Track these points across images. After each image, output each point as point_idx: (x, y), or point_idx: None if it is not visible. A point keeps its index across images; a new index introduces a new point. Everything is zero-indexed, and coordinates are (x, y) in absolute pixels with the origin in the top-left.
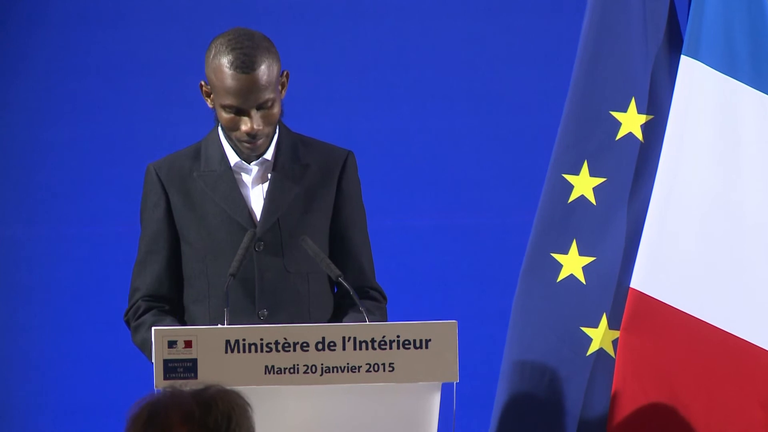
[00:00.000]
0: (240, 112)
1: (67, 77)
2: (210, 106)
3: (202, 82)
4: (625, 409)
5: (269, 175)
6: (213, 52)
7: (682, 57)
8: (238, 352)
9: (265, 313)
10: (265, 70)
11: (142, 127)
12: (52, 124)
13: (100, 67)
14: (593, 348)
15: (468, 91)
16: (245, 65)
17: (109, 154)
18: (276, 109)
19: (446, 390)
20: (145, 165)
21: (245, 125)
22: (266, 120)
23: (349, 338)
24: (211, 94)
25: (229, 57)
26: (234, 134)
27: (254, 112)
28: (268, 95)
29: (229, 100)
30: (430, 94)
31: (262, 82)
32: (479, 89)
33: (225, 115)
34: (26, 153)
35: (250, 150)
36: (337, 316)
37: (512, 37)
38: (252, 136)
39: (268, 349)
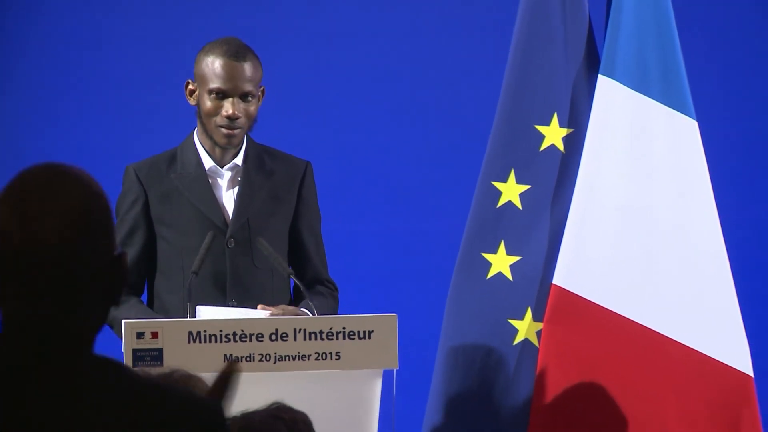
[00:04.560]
0: (224, 97)
1: (47, 86)
2: (192, 103)
3: (189, 81)
4: (548, 393)
5: (239, 179)
6: (207, 48)
7: (600, 76)
8: (200, 342)
9: (234, 303)
10: (251, 66)
11: (120, 135)
12: (35, 130)
13: (81, 76)
14: (519, 338)
15: (409, 108)
16: (237, 54)
17: (89, 160)
18: (254, 108)
19: (387, 376)
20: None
21: (226, 110)
22: (245, 111)
23: (300, 330)
24: (195, 91)
25: (223, 47)
26: (214, 119)
27: (236, 100)
28: (251, 88)
29: (216, 84)
30: (380, 114)
31: (248, 74)
32: (419, 107)
33: (209, 103)
34: (7, 159)
35: (226, 138)
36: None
37: (447, 58)
38: (231, 119)
39: (227, 340)
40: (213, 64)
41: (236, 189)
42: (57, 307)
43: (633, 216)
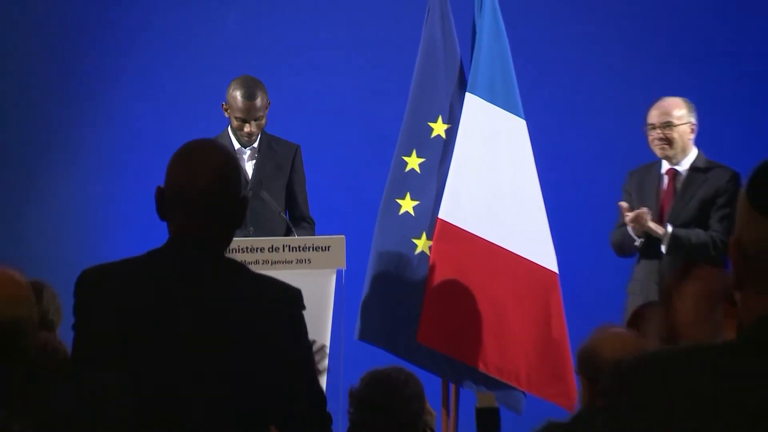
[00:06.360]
0: (244, 121)
1: (144, 89)
2: (227, 116)
3: (224, 103)
4: (435, 284)
5: (255, 156)
6: (231, 88)
7: (467, 93)
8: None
9: (251, 230)
10: (260, 100)
11: (180, 128)
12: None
13: (160, 89)
14: (418, 250)
15: (351, 111)
16: (249, 96)
17: (160, 144)
18: (263, 121)
19: (339, 273)
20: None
21: (247, 129)
22: (258, 126)
23: (286, 245)
24: (227, 110)
25: (241, 91)
26: (240, 132)
27: (252, 122)
28: (260, 113)
29: (239, 114)
30: (340, 114)
31: (258, 106)
32: (359, 110)
33: (236, 122)
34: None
35: (247, 140)
36: (288, 232)
37: (374, 79)
38: (249, 135)
39: (241, 251)
40: (236, 101)
41: (254, 161)
42: (205, 227)
43: (487, 178)
